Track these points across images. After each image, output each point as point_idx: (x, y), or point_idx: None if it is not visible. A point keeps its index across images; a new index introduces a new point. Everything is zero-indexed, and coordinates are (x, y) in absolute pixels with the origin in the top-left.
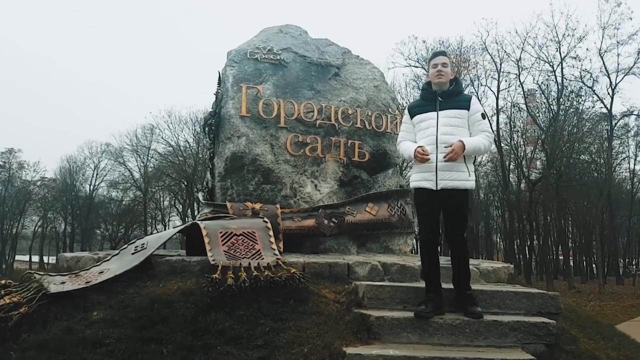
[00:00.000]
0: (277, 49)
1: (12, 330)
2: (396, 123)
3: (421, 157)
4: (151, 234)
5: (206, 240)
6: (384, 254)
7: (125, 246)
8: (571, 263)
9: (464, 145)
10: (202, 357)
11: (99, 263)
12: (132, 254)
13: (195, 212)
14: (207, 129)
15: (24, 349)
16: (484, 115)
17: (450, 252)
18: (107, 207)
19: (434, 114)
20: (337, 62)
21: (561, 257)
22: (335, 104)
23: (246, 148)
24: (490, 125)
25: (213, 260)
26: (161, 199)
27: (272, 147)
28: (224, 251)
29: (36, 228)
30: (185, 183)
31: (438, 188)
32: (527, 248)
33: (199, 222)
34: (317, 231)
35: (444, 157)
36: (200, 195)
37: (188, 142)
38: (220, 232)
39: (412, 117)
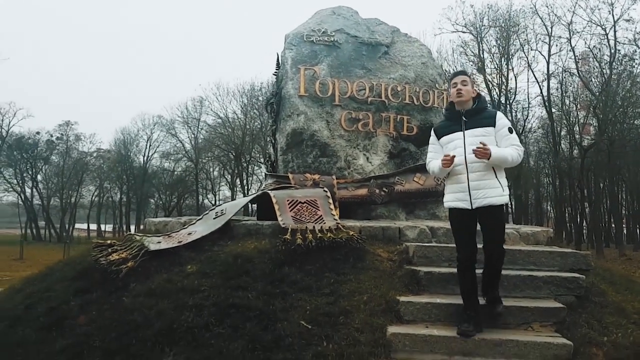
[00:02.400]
0: (330, 31)
1: (122, 281)
2: (443, 98)
3: (446, 160)
4: (202, 203)
5: (276, 207)
6: (430, 220)
7: (207, 212)
8: (624, 231)
9: (491, 152)
10: (281, 302)
11: (185, 226)
12: (214, 218)
13: (244, 182)
14: (269, 108)
15: (134, 296)
16: (511, 130)
17: (485, 260)
18: (160, 177)
19: (460, 134)
20: (387, 41)
21: (613, 225)
22: (385, 82)
23: (305, 125)
24: (519, 138)
25: (283, 224)
26: (211, 169)
27: (328, 123)
28: (292, 216)
29: (93, 197)
30: (234, 154)
31: (473, 207)
32: (578, 216)
33: (269, 191)
34: (369, 199)
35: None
36: (263, 168)
37: (236, 114)
38: (287, 200)
39: (438, 138)
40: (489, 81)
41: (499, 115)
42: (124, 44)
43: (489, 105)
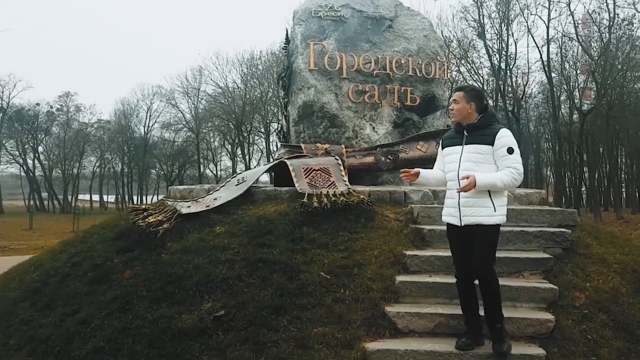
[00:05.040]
0: (337, 6)
1: (159, 240)
2: (444, 69)
3: (404, 175)
4: (203, 173)
5: (292, 174)
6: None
7: (229, 179)
8: (623, 194)
9: (476, 180)
10: (302, 257)
11: (210, 192)
12: (236, 185)
13: (245, 152)
14: (280, 82)
15: (171, 253)
16: (511, 150)
17: (479, 285)
18: (161, 147)
19: (459, 148)
20: (390, 15)
21: (612, 189)
22: (389, 55)
23: (315, 97)
24: (520, 158)
25: (300, 189)
26: (212, 139)
27: (336, 95)
28: (307, 182)
29: (94, 168)
30: (234, 123)
31: (462, 224)
32: (577, 180)
33: (285, 160)
34: (375, 167)
35: (457, 190)
36: (276, 138)
37: (236, 83)
38: (303, 168)
39: (442, 148)
40: (489, 47)
41: (501, 133)
42: (121, 13)
43: (498, 120)
